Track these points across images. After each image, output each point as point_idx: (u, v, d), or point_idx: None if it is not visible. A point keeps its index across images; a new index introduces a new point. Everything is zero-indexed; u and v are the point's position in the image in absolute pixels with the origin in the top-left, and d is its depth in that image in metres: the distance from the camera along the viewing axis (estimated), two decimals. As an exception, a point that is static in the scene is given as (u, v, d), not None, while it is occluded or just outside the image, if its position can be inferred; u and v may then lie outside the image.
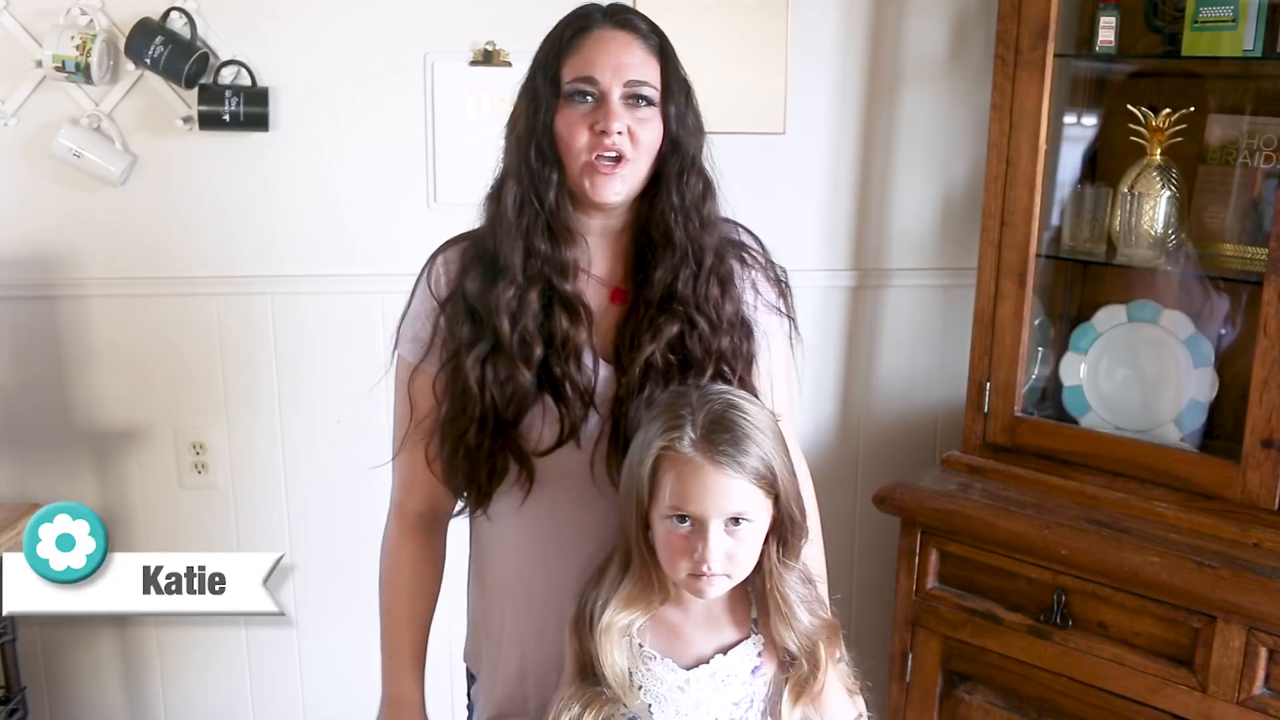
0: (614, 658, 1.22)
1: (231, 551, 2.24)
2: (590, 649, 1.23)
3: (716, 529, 1.16)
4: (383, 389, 2.08)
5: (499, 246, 1.28)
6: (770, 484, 1.18)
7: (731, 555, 1.17)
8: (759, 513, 1.18)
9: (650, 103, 1.25)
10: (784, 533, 1.22)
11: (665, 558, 1.19)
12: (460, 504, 1.39)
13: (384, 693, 1.44)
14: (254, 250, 2.15)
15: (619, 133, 1.23)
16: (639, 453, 1.19)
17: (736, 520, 1.17)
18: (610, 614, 1.22)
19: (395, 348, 1.39)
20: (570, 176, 1.26)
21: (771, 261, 1.40)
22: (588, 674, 1.25)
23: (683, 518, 1.16)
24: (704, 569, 1.16)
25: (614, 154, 1.24)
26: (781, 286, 1.40)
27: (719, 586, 1.19)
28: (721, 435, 1.16)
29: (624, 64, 1.24)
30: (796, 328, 1.42)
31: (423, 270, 1.38)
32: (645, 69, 1.25)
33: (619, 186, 1.26)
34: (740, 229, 1.40)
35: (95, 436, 2.20)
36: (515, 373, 1.27)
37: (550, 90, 1.26)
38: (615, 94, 1.24)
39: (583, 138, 1.24)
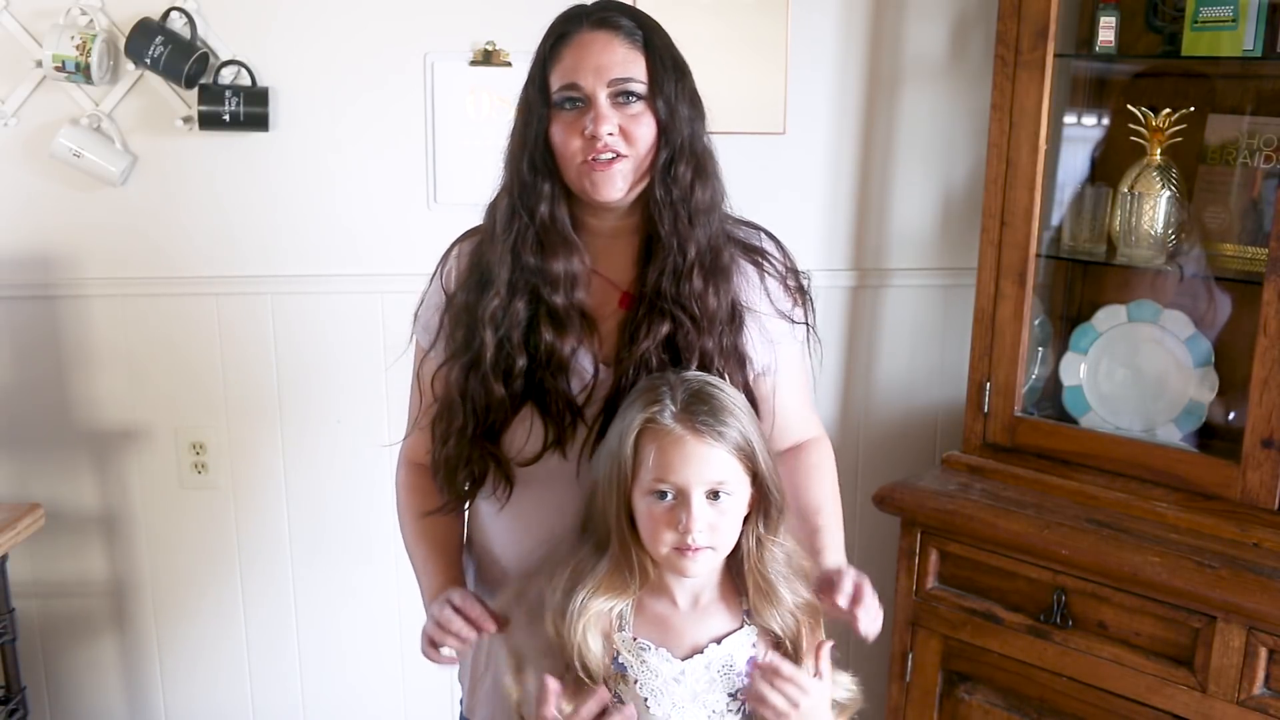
0: (590, 643, 1.21)
1: (231, 551, 2.26)
2: (566, 640, 1.22)
3: (699, 499, 1.18)
4: (382, 390, 2.09)
5: (491, 257, 1.29)
6: (748, 456, 1.21)
7: (714, 526, 1.19)
8: (738, 485, 1.21)
9: (639, 97, 1.24)
10: (765, 509, 1.24)
11: (649, 534, 1.20)
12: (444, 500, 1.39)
13: (425, 601, 1.36)
14: (254, 250, 2.15)
15: (610, 134, 1.23)
16: (619, 432, 1.21)
17: (717, 493, 1.19)
18: (582, 598, 1.22)
19: (414, 330, 1.41)
20: (570, 182, 1.26)
21: (793, 269, 1.39)
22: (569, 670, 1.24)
23: (664, 493, 1.18)
24: (689, 541, 1.17)
25: (609, 155, 1.23)
26: (800, 295, 1.39)
27: (703, 561, 1.20)
28: (700, 407, 1.19)
29: (604, 64, 1.23)
30: (815, 333, 1.42)
31: (440, 260, 1.39)
32: (629, 65, 1.24)
33: (619, 183, 1.25)
34: (762, 234, 1.39)
35: (95, 436, 2.20)
36: (492, 386, 1.27)
37: (540, 100, 1.26)
38: (601, 96, 1.23)
39: (575, 143, 1.24)
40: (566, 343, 1.28)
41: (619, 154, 1.24)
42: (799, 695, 1.19)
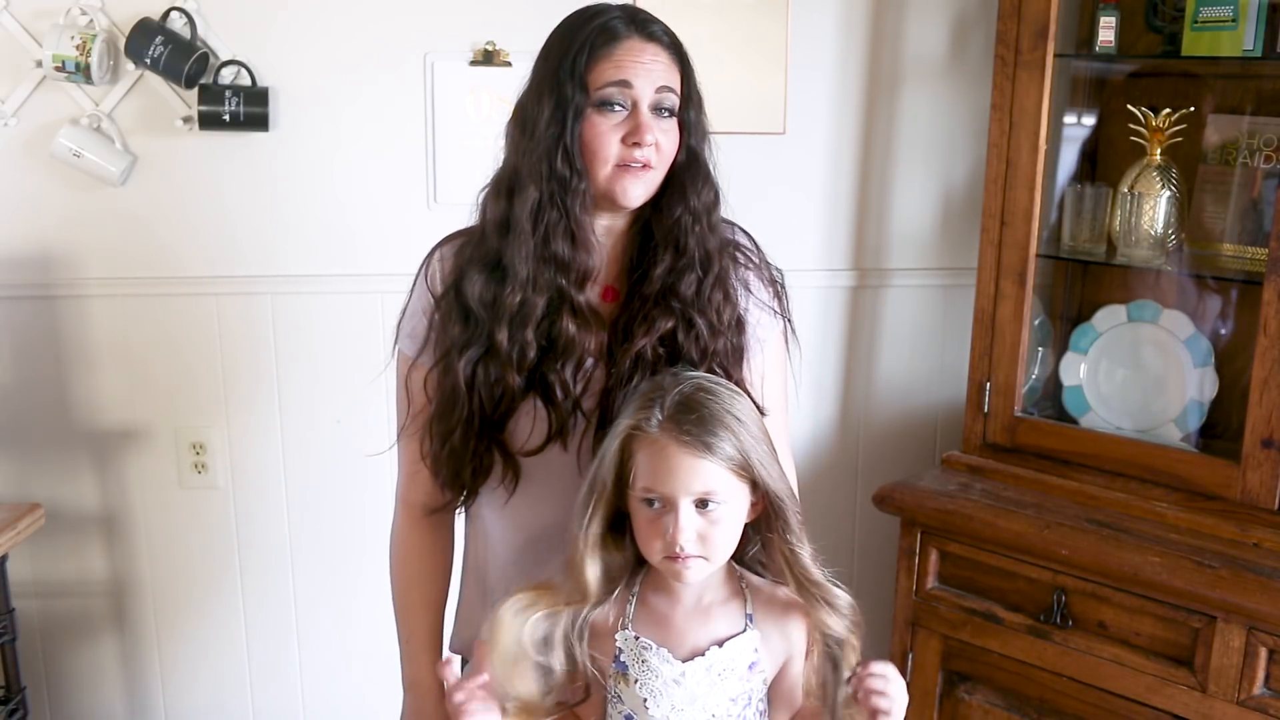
0: (505, 641, 1.19)
1: (231, 551, 2.26)
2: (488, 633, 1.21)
3: (686, 509, 1.17)
4: (381, 389, 2.08)
5: (508, 251, 1.28)
6: (742, 466, 1.18)
7: (704, 536, 1.18)
8: (730, 495, 1.19)
9: (672, 113, 1.28)
10: (784, 520, 1.22)
11: (641, 541, 1.21)
12: (445, 497, 1.40)
13: (403, 678, 1.49)
14: (254, 250, 2.16)
15: (650, 142, 1.25)
16: (610, 436, 1.21)
17: (706, 502, 1.18)
18: (512, 598, 1.21)
19: (396, 342, 1.41)
20: (596, 182, 1.27)
21: (767, 262, 1.41)
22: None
23: (653, 500, 1.18)
24: (676, 550, 1.17)
25: (641, 163, 1.26)
26: (776, 287, 1.41)
27: (696, 569, 1.20)
28: (687, 416, 1.17)
29: (655, 72, 1.26)
30: (793, 329, 1.43)
31: (420, 267, 1.39)
32: (671, 79, 1.28)
33: (643, 191, 1.28)
34: (736, 229, 1.41)
35: (95, 436, 2.20)
36: (506, 375, 1.28)
37: (580, 97, 1.25)
38: (646, 103, 1.26)
39: (613, 146, 1.25)
40: (588, 337, 1.29)
41: (648, 164, 1.26)
42: (901, 695, 1.20)
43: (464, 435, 1.30)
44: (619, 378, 1.29)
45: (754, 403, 1.30)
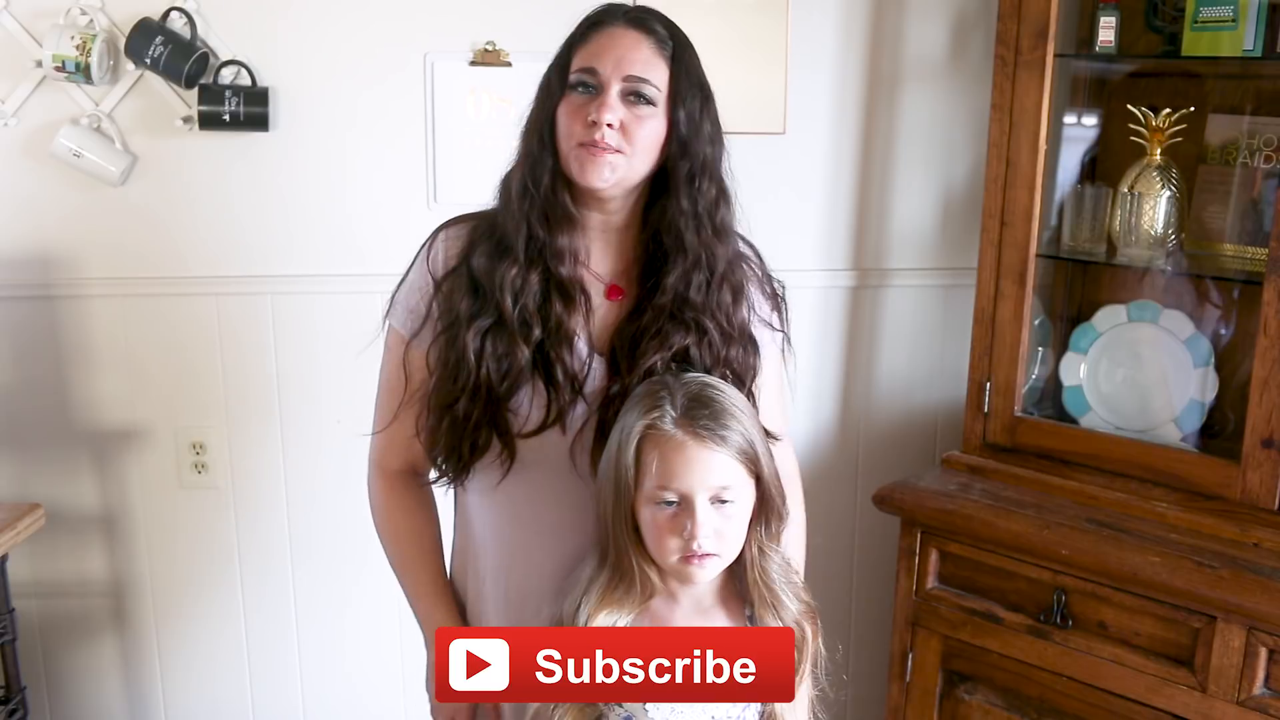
0: None
1: (231, 551, 2.26)
2: None
3: (703, 504, 1.17)
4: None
5: (505, 227, 1.31)
6: (752, 460, 1.20)
7: (720, 533, 1.18)
8: (742, 489, 1.20)
9: (650, 102, 1.26)
10: (767, 515, 1.23)
11: (654, 543, 1.20)
12: (436, 474, 1.39)
13: (424, 633, 1.46)
14: (254, 250, 2.15)
15: (609, 125, 1.24)
16: (620, 439, 1.21)
17: (722, 498, 1.18)
18: (585, 612, 1.22)
19: (387, 315, 1.41)
20: (563, 162, 1.28)
21: (769, 274, 1.41)
22: None
23: (668, 500, 1.18)
24: (694, 547, 1.17)
25: (612, 147, 1.25)
26: (777, 300, 1.41)
27: (710, 568, 1.20)
28: (701, 411, 1.18)
29: (627, 59, 1.26)
30: (790, 342, 1.43)
31: (424, 245, 1.39)
32: (650, 68, 1.26)
33: (607, 173, 1.26)
34: (739, 238, 1.40)
35: (95, 436, 2.20)
36: (514, 348, 1.28)
37: (558, 80, 1.28)
38: (613, 88, 1.25)
39: (576, 125, 1.26)
40: (574, 316, 1.30)
41: (611, 147, 1.25)
42: None
43: (467, 406, 1.29)
44: (627, 388, 1.28)
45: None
